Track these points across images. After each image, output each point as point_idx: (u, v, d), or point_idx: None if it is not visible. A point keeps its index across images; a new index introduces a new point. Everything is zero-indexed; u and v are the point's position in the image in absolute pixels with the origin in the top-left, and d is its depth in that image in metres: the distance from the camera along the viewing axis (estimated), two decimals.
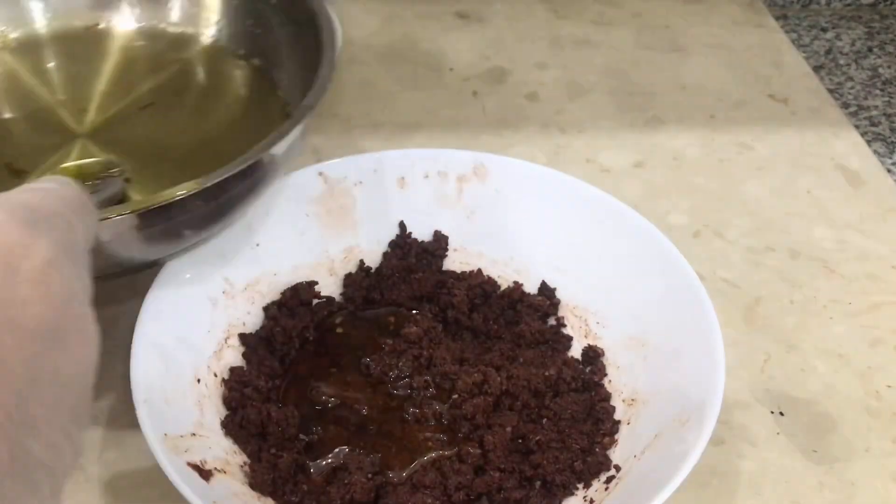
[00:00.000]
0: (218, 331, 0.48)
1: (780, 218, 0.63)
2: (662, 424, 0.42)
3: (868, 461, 0.48)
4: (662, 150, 0.70)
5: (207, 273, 0.48)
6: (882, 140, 0.74)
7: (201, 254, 0.47)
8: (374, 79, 0.77)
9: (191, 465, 0.40)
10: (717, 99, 0.75)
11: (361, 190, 0.53)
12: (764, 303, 0.57)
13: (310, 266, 0.52)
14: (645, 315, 0.48)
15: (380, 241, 0.54)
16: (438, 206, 0.54)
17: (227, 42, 0.56)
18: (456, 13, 0.87)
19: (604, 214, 0.51)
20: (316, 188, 0.52)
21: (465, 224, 0.54)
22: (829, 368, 0.53)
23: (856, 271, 0.59)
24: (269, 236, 0.51)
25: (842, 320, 0.56)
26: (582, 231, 0.51)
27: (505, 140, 0.70)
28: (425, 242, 0.54)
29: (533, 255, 0.53)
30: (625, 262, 0.49)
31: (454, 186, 0.54)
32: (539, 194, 0.52)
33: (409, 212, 0.54)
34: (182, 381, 0.44)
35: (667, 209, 0.64)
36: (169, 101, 0.54)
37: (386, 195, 0.53)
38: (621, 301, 0.49)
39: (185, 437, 0.41)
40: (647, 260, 0.48)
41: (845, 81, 0.82)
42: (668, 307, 0.47)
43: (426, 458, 0.44)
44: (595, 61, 0.80)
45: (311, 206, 0.52)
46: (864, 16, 0.92)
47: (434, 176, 0.54)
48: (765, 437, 0.49)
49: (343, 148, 0.68)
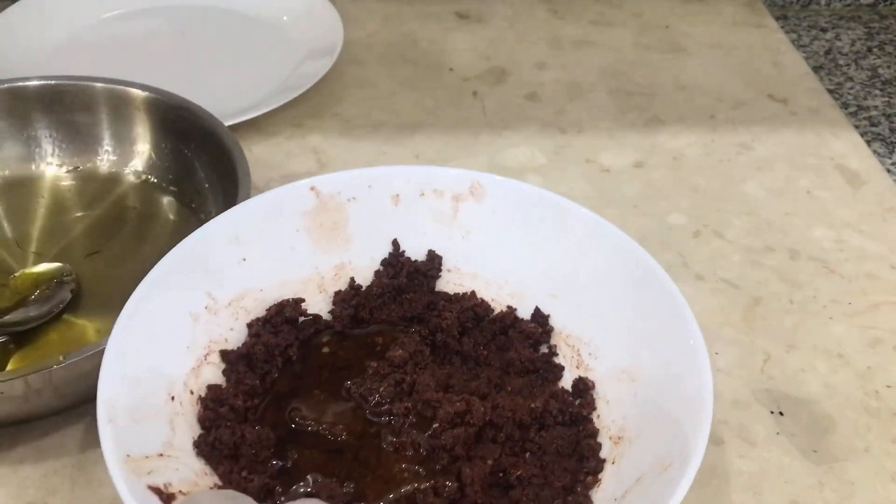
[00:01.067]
0: (198, 347, 0.46)
1: (780, 218, 0.63)
2: (646, 467, 0.41)
3: (868, 461, 0.48)
4: (662, 150, 0.70)
5: (189, 287, 0.46)
6: (882, 140, 0.74)
7: (184, 267, 0.46)
8: (374, 79, 0.77)
9: (152, 489, 0.38)
10: (717, 99, 0.76)
11: (355, 206, 0.51)
12: (763, 303, 0.57)
13: (298, 282, 0.51)
14: (638, 349, 0.46)
15: (372, 259, 0.52)
16: (433, 224, 0.52)
17: (155, 178, 0.62)
18: (456, 13, 0.87)
19: (602, 242, 0.49)
20: (308, 202, 0.51)
21: (461, 244, 0.52)
22: (829, 368, 0.53)
23: (855, 271, 0.59)
24: (257, 251, 0.49)
25: (841, 320, 0.56)
26: (579, 258, 0.49)
27: (505, 140, 0.70)
28: (418, 262, 0.52)
29: (528, 279, 0.51)
30: (621, 293, 0.48)
31: (450, 205, 0.52)
32: (537, 217, 0.51)
33: (402, 230, 0.52)
34: (155, 398, 0.42)
35: (667, 209, 0.64)
36: (108, 233, 0.59)
37: (380, 212, 0.52)
38: (615, 333, 0.47)
39: (150, 458, 0.39)
40: (643, 292, 0.46)
41: (845, 82, 0.82)
42: (661, 343, 0.45)
43: (402, 490, 0.42)
44: (595, 61, 0.80)
45: (302, 221, 0.51)
46: (864, 16, 0.92)
47: (430, 194, 0.52)
48: (764, 436, 0.49)
49: (343, 148, 0.68)
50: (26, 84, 0.61)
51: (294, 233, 0.50)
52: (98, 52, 0.78)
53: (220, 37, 0.82)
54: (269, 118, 0.69)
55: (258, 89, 0.73)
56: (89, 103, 0.62)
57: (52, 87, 0.61)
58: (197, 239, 0.47)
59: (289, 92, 0.70)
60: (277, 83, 0.74)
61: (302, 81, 0.72)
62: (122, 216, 0.60)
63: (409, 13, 0.86)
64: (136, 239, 0.58)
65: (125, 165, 0.63)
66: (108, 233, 0.58)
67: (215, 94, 0.68)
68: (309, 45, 0.78)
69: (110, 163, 0.63)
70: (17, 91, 0.61)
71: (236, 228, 0.48)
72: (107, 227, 0.59)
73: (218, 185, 0.58)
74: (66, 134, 0.63)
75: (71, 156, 0.63)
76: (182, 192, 0.61)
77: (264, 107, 0.68)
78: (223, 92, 0.73)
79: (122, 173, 0.63)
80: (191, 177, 0.61)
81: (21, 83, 0.61)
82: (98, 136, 0.63)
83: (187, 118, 0.60)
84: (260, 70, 0.77)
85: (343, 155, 0.68)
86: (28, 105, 0.61)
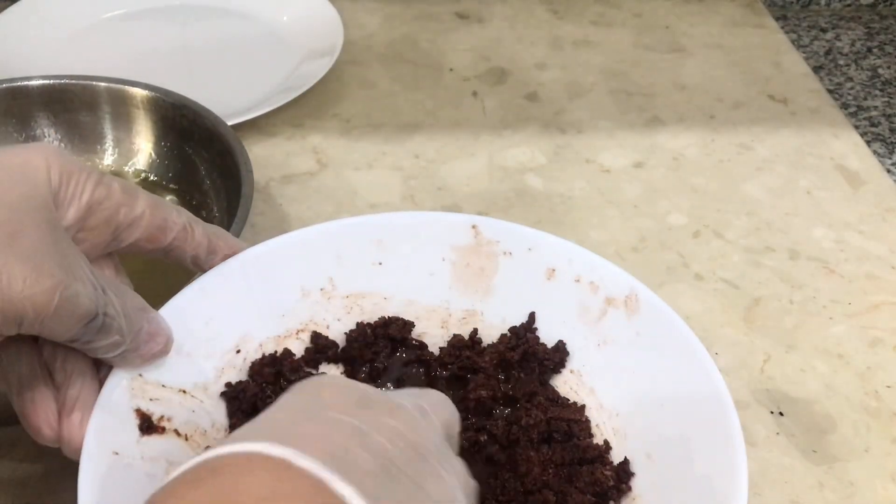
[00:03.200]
0: (294, 320, 0.46)
1: (780, 218, 0.63)
2: None
3: (868, 461, 0.48)
4: (662, 150, 0.70)
5: (314, 263, 0.46)
6: (881, 140, 0.74)
7: (318, 244, 0.46)
8: (374, 79, 0.77)
9: (137, 412, 0.38)
10: (717, 99, 0.76)
11: (508, 261, 0.48)
12: (763, 303, 0.57)
13: (424, 309, 0.49)
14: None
15: (503, 320, 0.48)
16: (576, 317, 0.47)
17: (156, 176, 0.62)
18: (456, 13, 0.87)
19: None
20: (464, 238, 0.48)
21: (593, 352, 0.46)
22: (829, 368, 0.53)
23: (855, 271, 0.59)
24: (396, 261, 0.48)
25: (841, 320, 0.56)
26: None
27: (505, 140, 0.70)
28: (545, 345, 0.47)
29: (638, 424, 0.44)
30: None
31: (600, 306, 0.47)
32: (672, 362, 0.44)
33: (544, 307, 0.48)
34: (219, 342, 0.43)
35: (667, 209, 0.64)
36: None
37: (530, 279, 0.48)
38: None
39: (166, 388, 0.39)
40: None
41: (845, 82, 0.82)
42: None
43: None
44: (595, 61, 0.80)
45: (451, 253, 0.49)
46: (864, 16, 0.92)
47: (585, 284, 0.47)
48: (764, 437, 0.49)
49: (343, 148, 0.68)
50: (27, 83, 0.61)
51: (439, 261, 0.49)
52: (98, 52, 0.78)
53: (220, 37, 0.82)
54: (269, 118, 0.69)
55: (258, 89, 0.73)
56: (90, 102, 0.62)
57: (52, 87, 0.61)
58: (341, 225, 0.47)
59: (289, 92, 0.70)
60: (277, 83, 0.74)
61: (302, 81, 0.72)
62: None
63: (409, 13, 0.86)
64: None
65: (126, 164, 0.63)
66: None
67: (215, 94, 0.68)
68: (309, 45, 0.78)
69: (111, 162, 0.63)
70: (18, 90, 0.61)
71: (383, 233, 0.47)
72: None
73: (219, 183, 0.58)
74: (67, 133, 0.62)
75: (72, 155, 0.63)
76: (183, 191, 0.61)
77: (264, 107, 0.68)
78: (223, 92, 0.73)
79: (123, 172, 0.63)
80: (192, 175, 0.60)
81: (22, 82, 0.61)
82: (99, 135, 0.63)
83: (188, 116, 0.60)
84: (260, 70, 0.77)
85: (343, 155, 0.68)
86: (29, 104, 0.61)
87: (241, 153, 0.55)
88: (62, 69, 0.71)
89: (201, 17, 0.84)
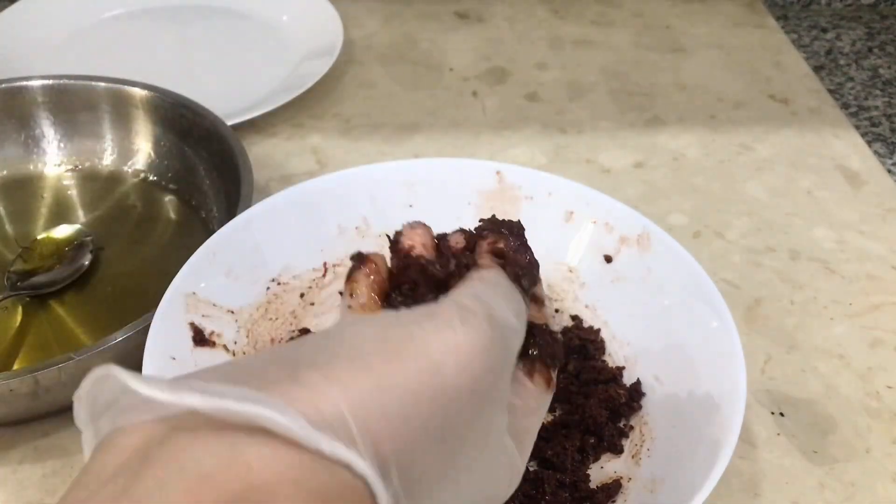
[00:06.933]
0: (332, 255, 0.49)
1: (781, 218, 0.63)
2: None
3: (868, 462, 0.48)
4: (662, 150, 0.70)
5: (349, 203, 0.50)
6: (882, 140, 0.74)
7: (353, 187, 0.49)
8: (374, 79, 0.77)
9: (191, 325, 0.41)
10: (717, 99, 0.75)
11: (530, 205, 0.51)
12: (764, 303, 0.57)
13: None
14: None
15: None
16: (591, 257, 0.51)
17: (155, 176, 0.63)
18: (456, 13, 0.87)
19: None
20: (489, 184, 0.51)
21: (608, 287, 0.50)
22: (830, 369, 0.53)
23: (856, 272, 0.59)
24: (425, 205, 0.50)
25: (842, 321, 0.56)
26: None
27: (505, 140, 0.70)
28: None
29: (650, 351, 0.48)
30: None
31: (615, 245, 0.50)
32: (680, 298, 0.47)
33: (562, 247, 0.51)
34: (263, 269, 0.46)
35: (667, 209, 0.64)
36: (108, 230, 0.59)
37: (550, 222, 0.51)
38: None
39: (217, 307, 0.42)
40: None
41: (845, 82, 0.82)
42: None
43: None
44: (595, 61, 0.80)
45: (476, 198, 0.51)
46: (865, 16, 0.92)
47: (601, 225, 0.51)
48: (765, 437, 0.49)
49: (343, 148, 0.68)
50: (27, 83, 0.61)
51: (465, 205, 0.52)
52: (98, 52, 0.78)
53: (220, 37, 0.82)
54: (268, 118, 0.69)
55: (258, 89, 0.73)
56: (90, 102, 0.62)
57: (52, 87, 0.61)
58: (376, 169, 0.51)
59: (289, 92, 0.70)
60: (277, 83, 0.74)
61: (302, 81, 0.71)
62: (123, 215, 0.60)
63: (409, 13, 0.86)
64: (136, 238, 0.58)
65: (125, 164, 0.63)
66: (109, 231, 0.58)
67: (215, 94, 0.68)
68: (309, 45, 0.78)
69: (111, 161, 0.63)
70: (18, 90, 0.61)
71: (412, 177, 0.50)
72: (107, 225, 0.59)
73: (219, 182, 0.58)
74: (67, 133, 0.63)
75: (71, 155, 0.63)
76: (183, 191, 0.61)
77: (264, 107, 0.68)
78: (223, 92, 0.73)
79: (123, 172, 0.63)
80: (191, 175, 0.61)
81: (22, 82, 0.61)
82: (99, 135, 0.63)
83: (188, 116, 0.60)
84: (260, 70, 0.77)
85: (343, 155, 0.68)
86: (29, 104, 0.61)
87: (241, 153, 0.55)
88: (62, 69, 0.71)
89: (201, 16, 0.84)
